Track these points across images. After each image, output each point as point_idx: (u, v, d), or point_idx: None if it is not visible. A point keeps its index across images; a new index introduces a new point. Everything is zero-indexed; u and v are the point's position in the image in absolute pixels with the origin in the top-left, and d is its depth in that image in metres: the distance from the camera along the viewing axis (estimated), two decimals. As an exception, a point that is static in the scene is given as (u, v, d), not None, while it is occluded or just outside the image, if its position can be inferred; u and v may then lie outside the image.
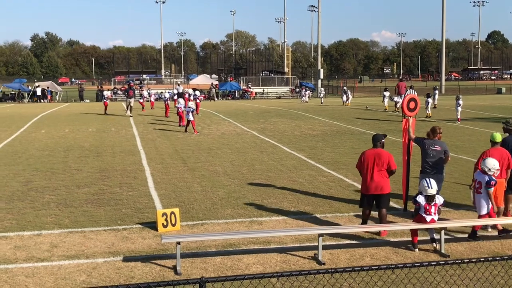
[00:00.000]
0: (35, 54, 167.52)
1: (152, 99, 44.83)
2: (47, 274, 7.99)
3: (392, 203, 11.80)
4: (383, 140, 10.11)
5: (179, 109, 28.44)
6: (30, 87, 62.76)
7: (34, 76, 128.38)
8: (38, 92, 58.67)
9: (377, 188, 9.74)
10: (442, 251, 8.87)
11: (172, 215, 10.05)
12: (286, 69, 77.71)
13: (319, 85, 66.04)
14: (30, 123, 31.01)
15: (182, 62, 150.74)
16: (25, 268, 8.25)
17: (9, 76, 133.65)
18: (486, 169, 9.36)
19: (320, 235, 8.56)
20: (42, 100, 57.77)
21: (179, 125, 28.08)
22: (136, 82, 68.51)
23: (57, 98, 61.39)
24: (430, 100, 33.77)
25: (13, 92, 61.42)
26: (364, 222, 10.12)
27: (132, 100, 36.17)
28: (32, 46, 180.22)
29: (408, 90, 29.25)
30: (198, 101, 36.62)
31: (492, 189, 9.37)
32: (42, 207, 11.77)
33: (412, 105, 11.60)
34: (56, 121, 32.07)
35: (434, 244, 9.02)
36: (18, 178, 14.91)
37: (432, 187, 8.86)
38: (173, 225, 10.04)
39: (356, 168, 10.28)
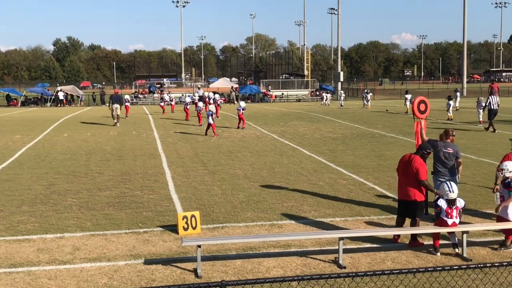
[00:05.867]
0: (57, 59, 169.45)
1: (173, 103, 45.23)
2: (69, 277, 8.07)
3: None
4: None
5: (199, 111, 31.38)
6: (52, 92, 63.53)
7: (56, 80, 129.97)
8: (61, 97, 59.40)
9: None
10: (464, 255, 8.78)
11: (193, 218, 10.09)
12: (306, 72, 77.57)
13: (339, 88, 65.90)
14: (53, 126, 31.40)
15: (202, 65, 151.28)
16: (48, 270, 8.34)
17: (32, 81, 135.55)
18: (507, 173, 9.20)
19: (341, 238, 8.53)
20: (63, 105, 58.44)
21: (199, 125, 30.18)
22: (157, 86, 68.93)
23: (80, 102, 62.11)
24: (451, 102, 33.41)
25: (36, 96, 62.20)
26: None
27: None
28: (54, 50, 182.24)
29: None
30: (217, 104, 36.91)
31: None
32: (65, 210, 11.90)
33: (422, 107, 11.53)
34: (78, 125, 32.42)
35: (457, 250, 8.93)
36: (41, 181, 15.09)
37: (453, 190, 8.79)
38: (194, 228, 10.08)
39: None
